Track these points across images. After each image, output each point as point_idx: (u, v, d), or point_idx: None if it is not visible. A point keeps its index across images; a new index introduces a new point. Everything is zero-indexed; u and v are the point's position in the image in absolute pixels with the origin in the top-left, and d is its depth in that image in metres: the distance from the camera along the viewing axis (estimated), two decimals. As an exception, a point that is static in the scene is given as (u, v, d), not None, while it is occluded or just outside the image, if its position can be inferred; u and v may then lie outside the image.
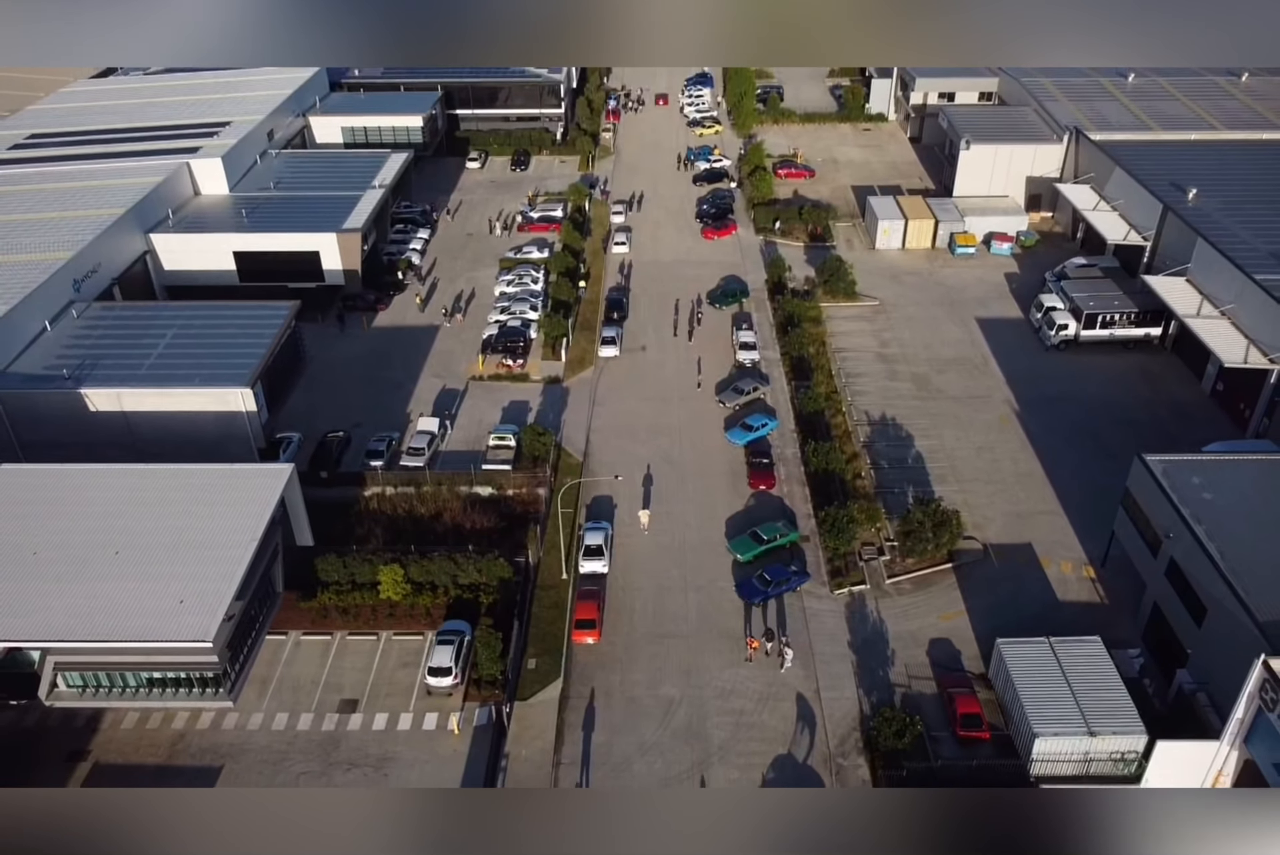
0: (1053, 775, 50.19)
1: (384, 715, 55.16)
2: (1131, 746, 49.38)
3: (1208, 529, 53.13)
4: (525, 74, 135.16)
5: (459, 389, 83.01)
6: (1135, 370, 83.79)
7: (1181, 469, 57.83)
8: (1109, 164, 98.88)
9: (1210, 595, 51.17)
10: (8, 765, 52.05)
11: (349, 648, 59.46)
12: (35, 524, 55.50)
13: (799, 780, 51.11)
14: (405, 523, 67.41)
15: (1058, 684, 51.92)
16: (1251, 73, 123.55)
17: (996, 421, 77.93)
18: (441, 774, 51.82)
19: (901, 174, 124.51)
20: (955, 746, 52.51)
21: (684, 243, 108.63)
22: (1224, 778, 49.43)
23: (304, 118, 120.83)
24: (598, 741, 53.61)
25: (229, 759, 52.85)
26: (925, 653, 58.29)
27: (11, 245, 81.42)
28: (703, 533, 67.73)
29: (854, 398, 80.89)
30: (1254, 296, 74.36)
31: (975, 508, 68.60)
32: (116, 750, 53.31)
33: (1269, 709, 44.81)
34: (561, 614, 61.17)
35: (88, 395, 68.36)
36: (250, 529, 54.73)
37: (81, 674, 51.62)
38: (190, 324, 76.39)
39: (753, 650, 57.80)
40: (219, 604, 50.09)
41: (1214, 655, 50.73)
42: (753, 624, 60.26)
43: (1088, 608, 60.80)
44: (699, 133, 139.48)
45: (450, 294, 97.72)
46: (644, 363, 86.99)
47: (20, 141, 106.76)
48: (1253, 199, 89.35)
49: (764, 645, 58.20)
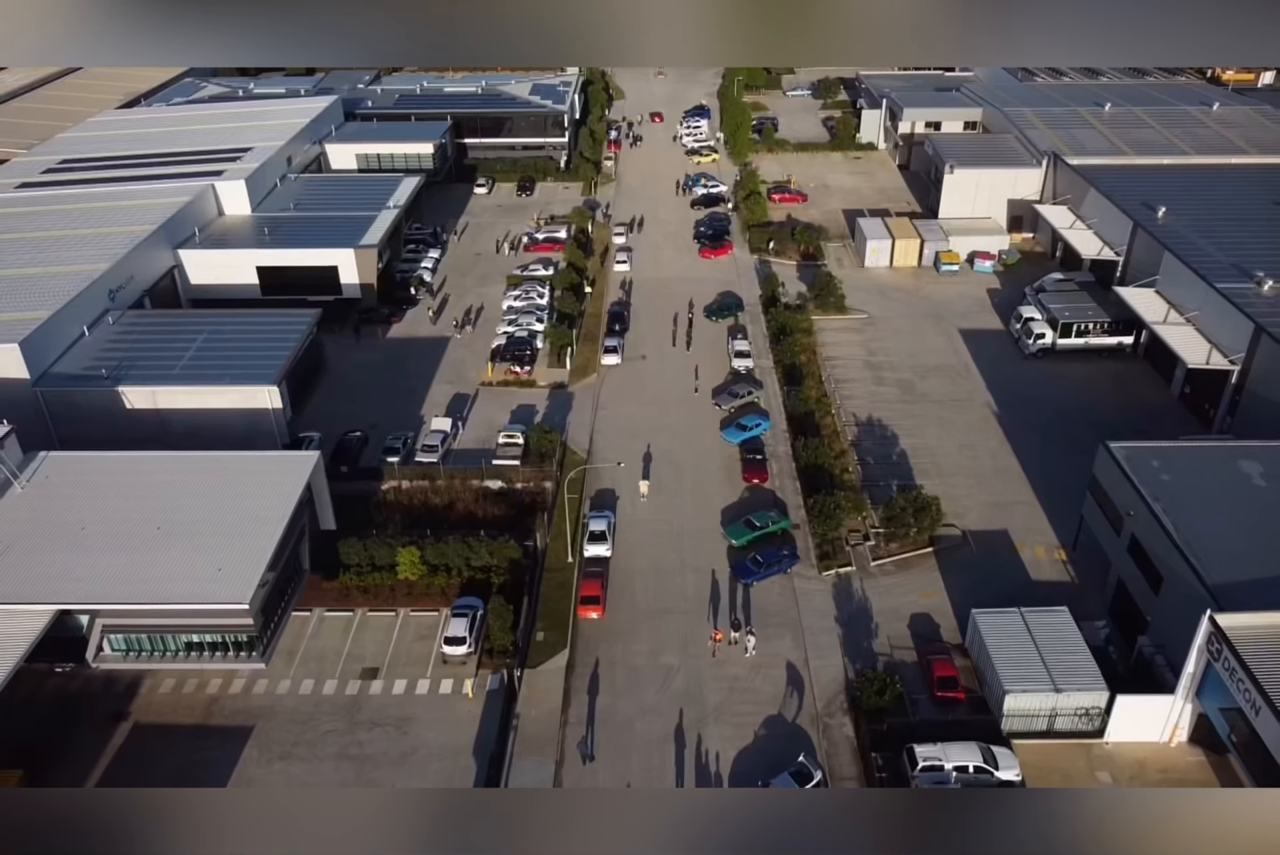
0: (1022, 731, 54.25)
1: (403, 681, 59.35)
2: (1094, 702, 53.49)
3: (1164, 506, 57.66)
4: (531, 105, 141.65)
5: (469, 394, 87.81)
6: (1108, 376, 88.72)
7: (1142, 455, 62.49)
8: (1084, 186, 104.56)
9: (1166, 564, 55.61)
10: (56, 725, 56.21)
11: (369, 623, 63.73)
12: (81, 503, 60.02)
13: (788, 737, 55.18)
14: (420, 512, 71.87)
15: (1027, 648, 56.16)
16: (1222, 102, 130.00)
17: (977, 422, 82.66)
18: (458, 732, 55.92)
19: (890, 199, 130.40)
20: (933, 707, 56.64)
21: (682, 262, 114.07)
22: (1180, 731, 53.63)
23: (320, 145, 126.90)
24: (602, 704, 57.77)
25: (260, 719, 57.02)
26: (906, 626, 62.56)
27: (50, 259, 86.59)
28: (699, 521, 72.20)
29: (842, 401, 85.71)
30: (1216, 304, 79.41)
31: (955, 499, 73.04)
32: (155, 712, 57.51)
33: (1215, 659, 49.09)
34: (568, 593, 65.47)
35: (124, 393, 73.16)
36: (281, 508, 59.26)
37: (126, 637, 55.76)
38: (219, 330, 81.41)
39: (716, 642, 60.94)
40: (254, 572, 54.49)
41: (1170, 620, 55.00)
42: (738, 610, 64.55)
43: (1058, 586, 65.06)
44: (697, 161, 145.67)
45: (460, 308, 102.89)
46: (644, 370, 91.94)
47: (52, 166, 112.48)
48: (1218, 217, 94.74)
49: (729, 635, 61.42)
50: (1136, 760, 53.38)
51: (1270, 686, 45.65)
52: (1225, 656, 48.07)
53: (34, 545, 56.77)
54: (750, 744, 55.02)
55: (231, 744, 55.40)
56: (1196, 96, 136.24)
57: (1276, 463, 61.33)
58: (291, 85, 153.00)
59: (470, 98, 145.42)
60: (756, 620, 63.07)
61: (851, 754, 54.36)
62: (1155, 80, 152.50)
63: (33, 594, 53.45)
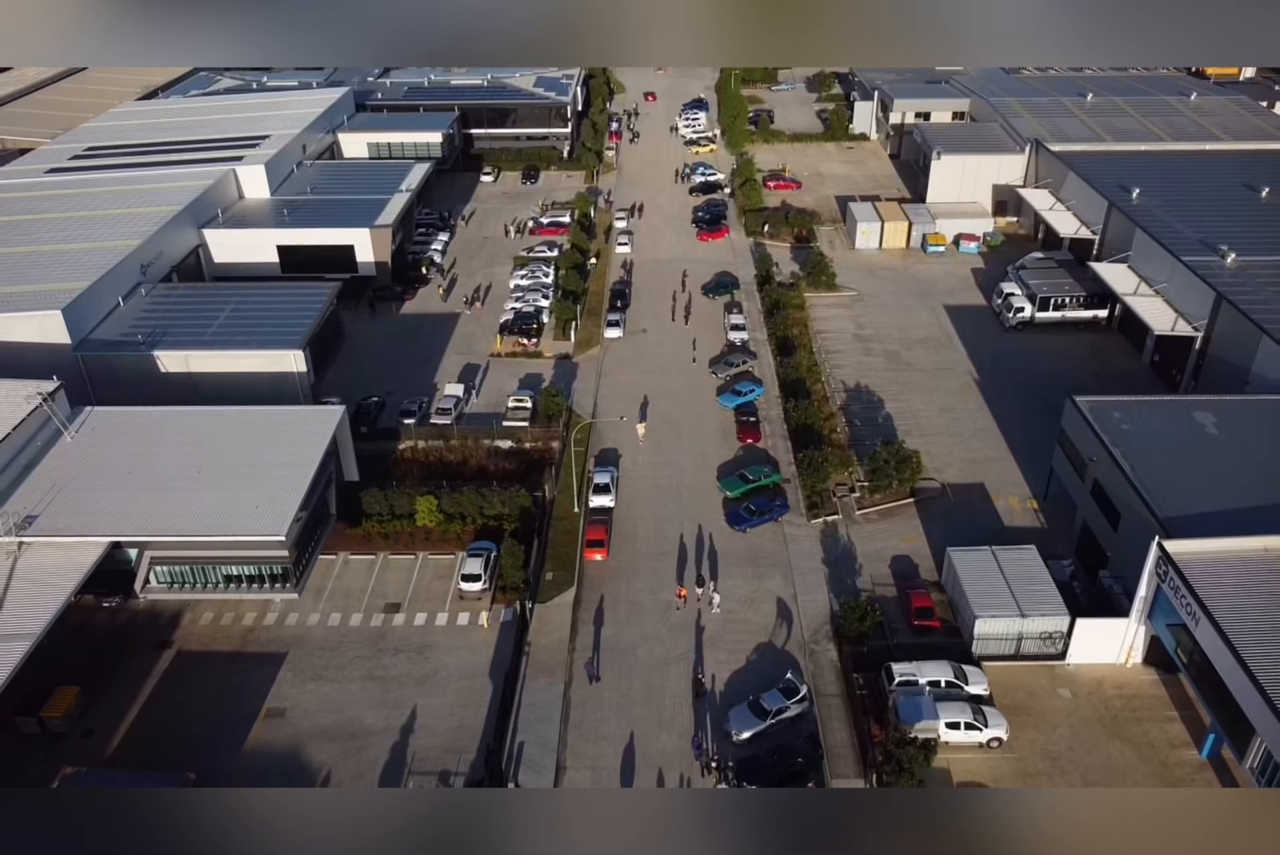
0: (992, 654, 59.29)
1: (423, 614, 64.41)
2: (1056, 627, 58.53)
3: (1123, 451, 62.78)
4: (535, 97, 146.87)
5: (480, 364, 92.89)
6: (1084, 346, 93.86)
7: (1105, 407, 67.61)
8: (1064, 170, 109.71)
9: (1123, 502, 60.73)
10: (105, 652, 61.25)
11: (391, 565, 68.78)
12: (127, 451, 65.14)
13: (778, 661, 60.22)
14: (436, 468, 76.89)
15: (997, 580, 61.23)
16: (1200, 93, 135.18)
17: (958, 388, 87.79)
18: (474, 657, 60.97)
19: (881, 186, 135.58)
20: (910, 634, 61.72)
21: (681, 244, 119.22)
22: (1134, 652, 58.70)
23: (333, 134, 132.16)
24: (606, 633, 62.85)
25: (292, 646, 62.06)
26: (887, 566, 67.66)
27: (83, 235, 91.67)
28: (697, 477, 77.27)
29: (832, 370, 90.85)
30: (1182, 276, 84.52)
31: (936, 456, 78.14)
32: (196, 640, 62.57)
33: (1162, 581, 54.17)
34: (574, 539, 70.53)
35: (159, 357, 78.22)
36: (310, 454, 64.42)
37: (170, 570, 60.85)
38: (246, 300, 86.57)
39: (681, 597, 64.71)
40: (289, 508, 59.64)
41: (1127, 553, 60.04)
42: (704, 566, 69.64)
43: (1030, 531, 70.12)
44: (695, 151, 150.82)
45: (470, 287, 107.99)
46: (645, 342, 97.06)
47: (79, 153, 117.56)
48: (1189, 198, 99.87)
49: (694, 591, 65.35)
50: (1095, 679, 58.46)
51: (1208, 599, 50.71)
52: (1171, 577, 53.14)
53: (85, 487, 61.90)
54: (743, 666, 60.08)
55: (267, 667, 60.44)
56: (1175, 87, 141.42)
57: (1228, 414, 66.47)
58: (304, 79, 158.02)
59: (476, 90, 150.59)
60: (749, 563, 68.18)
61: (835, 675, 59.43)
62: (1137, 72, 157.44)
63: (87, 528, 58.57)
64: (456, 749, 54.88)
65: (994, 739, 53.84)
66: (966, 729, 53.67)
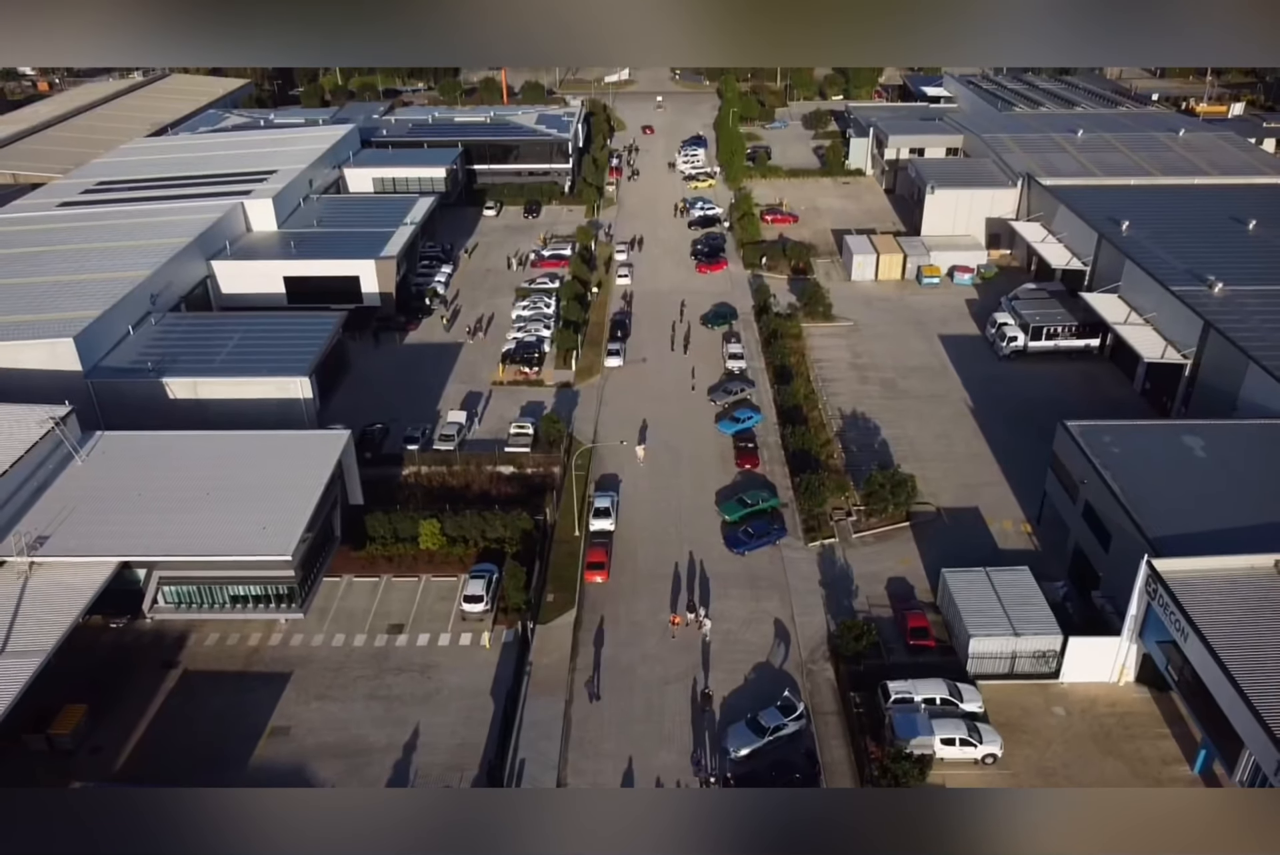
0: (986, 673, 60.17)
1: (426, 635, 65.36)
2: (1049, 645, 59.47)
3: (1113, 473, 64.10)
4: (537, 133, 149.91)
5: (482, 392, 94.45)
6: (1076, 375, 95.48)
7: (1095, 431, 69.04)
8: (1055, 204, 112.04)
9: (1113, 523, 61.94)
10: (113, 671, 62.13)
11: (394, 587, 69.80)
12: (136, 474, 66.45)
13: (775, 680, 61.06)
14: (439, 493, 78.11)
15: (991, 600, 62.27)
16: (1189, 129, 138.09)
17: (953, 415, 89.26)
18: (477, 676, 61.83)
19: (876, 219, 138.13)
20: (906, 653, 62.64)
21: (680, 276, 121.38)
22: (1127, 671, 59.62)
23: (339, 169, 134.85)
24: (607, 654, 63.76)
25: (297, 667, 62.96)
26: (884, 587, 68.69)
27: (94, 266, 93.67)
28: (696, 501, 78.49)
29: (829, 397, 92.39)
30: (1171, 305, 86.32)
31: (931, 481, 79.36)
32: (202, 660, 63.47)
33: (1152, 598, 55.24)
34: (575, 561, 71.62)
35: (168, 384, 79.77)
36: (316, 477, 65.71)
37: (178, 590, 61.85)
38: (253, 329, 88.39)
39: (675, 626, 65.22)
40: (295, 529, 60.84)
41: (1118, 573, 61.08)
42: (697, 594, 70.73)
43: (1023, 554, 71.12)
44: (694, 186, 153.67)
45: (472, 317, 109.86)
46: (645, 371, 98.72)
47: (89, 187, 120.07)
48: (1177, 230, 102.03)
49: (686, 619, 65.74)
50: (1088, 697, 59.32)
51: (1196, 616, 51.77)
52: (1160, 594, 54.22)
53: (95, 508, 63.15)
54: (741, 686, 60.96)
55: (273, 686, 61.30)
56: (1164, 123, 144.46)
57: (1215, 437, 67.89)
58: (310, 116, 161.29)
59: (479, 127, 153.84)
60: (748, 585, 69.23)
61: (832, 693, 60.30)
62: (1127, 110, 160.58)
63: (97, 548, 59.77)
64: (459, 766, 55.66)
65: (989, 755, 54.63)
66: (961, 745, 54.48)
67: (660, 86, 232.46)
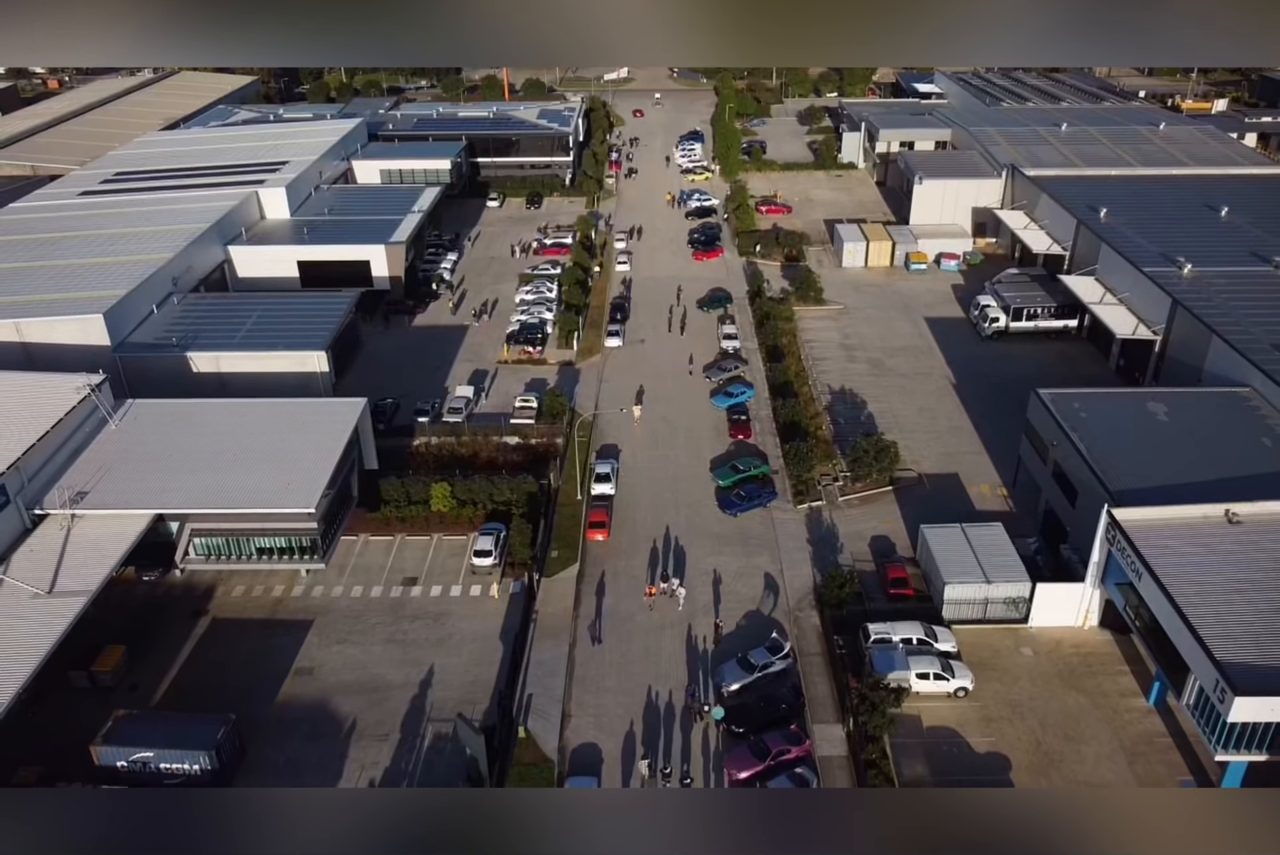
0: (960, 618, 64.68)
1: (439, 586, 69.89)
2: (1019, 592, 64.02)
3: (1080, 435, 68.68)
4: (538, 128, 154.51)
5: (488, 370, 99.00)
6: (1055, 354, 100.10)
7: (1065, 398, 73.65)
8: (1038, 193, 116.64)
9: (1080, 480, 66.51)
10: (148, 621, 66.60)
11: (408, 545, 74.32)
12: (166, 438, 70.93)
13: (765, 626, 65.56)
14: (449, 461, 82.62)
15: (965, 551, 66.76)
16: (1170, 123, 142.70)
17: (936, 391, 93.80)
18: (486, 623, 66.37)
19: (867, 210, 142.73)
20: (886, 602, 67.15)
21: (677, 263, 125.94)
22: (1091, 615, 64.16)
23: (348, 161, 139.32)
24: (607, 603, 68.28)
25: (319, 615, 67.49)
26: (867, 545, 73.23)
27: (117, 251, 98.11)
28: (691, 468, 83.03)
29: (818, 374, 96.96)
30: (1143, 286, 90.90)
31: (914, 449, 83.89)
32: (229, 609, 68.01)
33: (1112, 545, 59.78)
34: (577, 522, 76.12)
35: (192, 359, 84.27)
36: (336, 439, 70.26)
37: (208, 542, 66.38)
38: (271, 308, 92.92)
39: (650, 596, 68.41)
40: (318, 485, 65.35)
41: (1084, 526, 65.56)
42: (670, 567, 75.24)
43: (999, 514, 75.48)
44: (691, 179, 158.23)
45: (478, 301, 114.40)
46: (643, 351, 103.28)
47: (108, 178, 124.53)
48: (1153, 217, 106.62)
49: (660, 588, 68.69)
50: (1054, 639, 63.87)
51: (1150, 557, 56.28)
52: (1119, 540, 58.75)
53: (129, 468, 67.63)
54: (733, 631, 65.49)
55: (296, 633, 65.82)
56: (1146, 118, 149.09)
57: (1177, 404, 72.54)
58: (318, 111, 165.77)
59: (483, 121, 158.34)
60: (740, 543, 73.75)
61: (817, 637, 64.85)
62: (1112, 105, 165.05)
63: (134, 502, 64.25)
64: (471, 700, 60.15)
65: (960, 688, 59.15)
66: (935, 679, 58.99)
67: (658, 84, 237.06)
